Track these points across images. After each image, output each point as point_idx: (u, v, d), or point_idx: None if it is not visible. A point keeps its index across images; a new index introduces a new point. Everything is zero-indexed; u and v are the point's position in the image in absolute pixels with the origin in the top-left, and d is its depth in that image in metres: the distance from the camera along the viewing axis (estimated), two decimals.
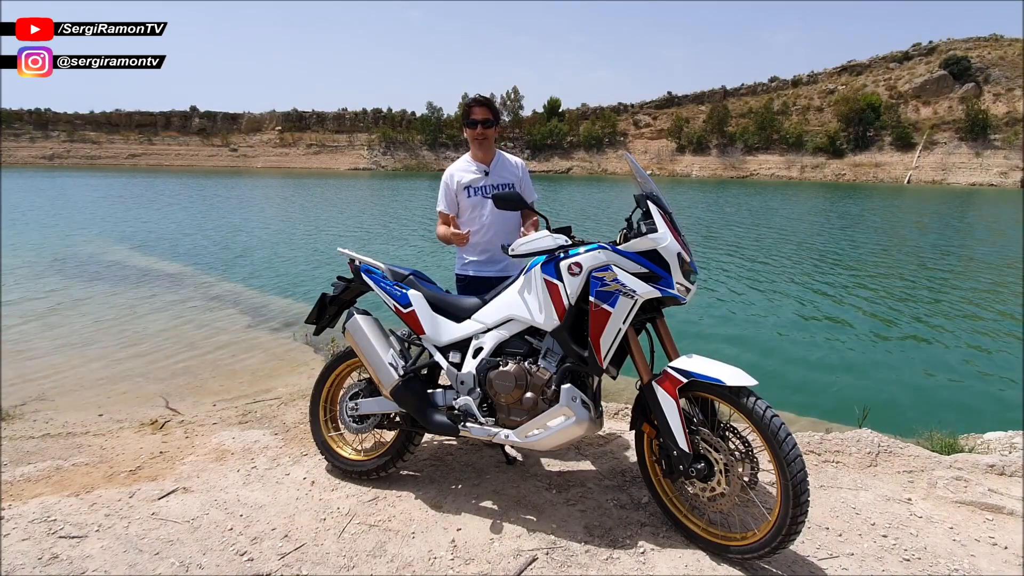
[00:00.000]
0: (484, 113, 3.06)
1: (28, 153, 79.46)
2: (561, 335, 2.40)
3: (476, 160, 3.14)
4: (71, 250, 13.72)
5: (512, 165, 3.19)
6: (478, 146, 3.11)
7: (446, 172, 3.18)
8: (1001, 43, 76.63)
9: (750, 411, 2.08)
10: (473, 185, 3.09)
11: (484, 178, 3.09)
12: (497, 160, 3.15)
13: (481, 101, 3.08)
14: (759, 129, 73.90)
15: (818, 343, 7.54)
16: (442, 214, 3.17)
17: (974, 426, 4.21)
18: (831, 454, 3.18)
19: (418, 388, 2.69)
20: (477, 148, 3.12)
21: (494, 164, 3.14)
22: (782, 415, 2.11)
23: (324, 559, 2.28)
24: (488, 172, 3.10)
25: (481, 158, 3.14)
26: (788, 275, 11.90)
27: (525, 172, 3.23)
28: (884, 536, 2.42)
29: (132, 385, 5.55)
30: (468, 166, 3.14)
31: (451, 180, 3.13)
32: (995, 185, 57.99)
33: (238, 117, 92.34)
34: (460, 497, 2.72)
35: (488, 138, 3.09)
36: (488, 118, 3.06)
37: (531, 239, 2.43)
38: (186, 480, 2.90)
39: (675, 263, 2.24)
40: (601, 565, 2.24)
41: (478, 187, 3.09)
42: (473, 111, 3.06)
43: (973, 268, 13.16)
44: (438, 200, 3.19)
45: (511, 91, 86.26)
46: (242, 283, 10.75)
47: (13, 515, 2.53)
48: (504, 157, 3.20)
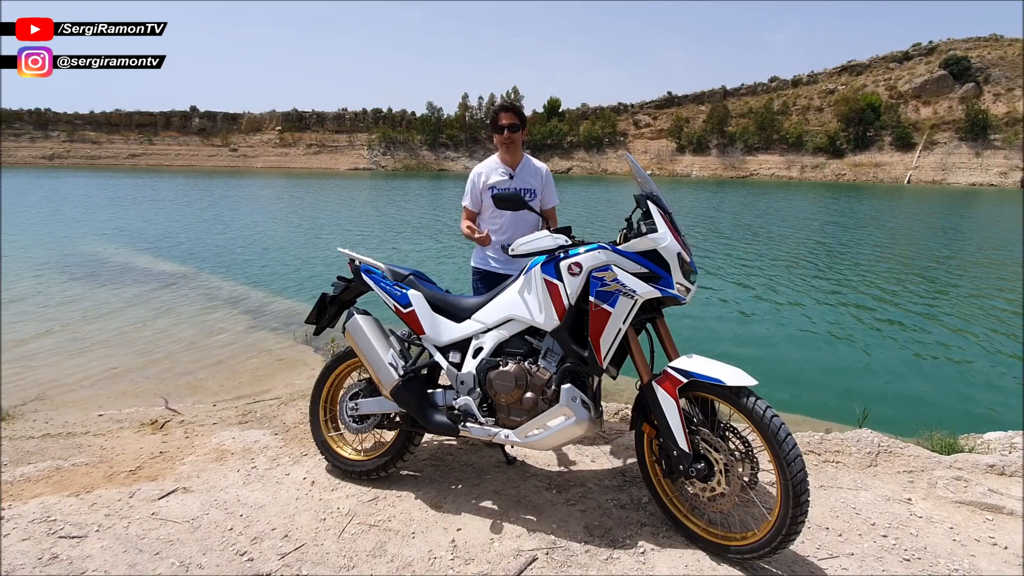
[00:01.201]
0: (511, 118, 3.19)
1: (28, 153, 79.44)
2: (561, 335, 2.40)
3: (504, 163, 3.28)
4: (72, 250, 13.72)
5: (536, 170, 3.32)
6: (505, 150, 3.24)
7: (474, 170, 3.35)
8: (1001, 43, 76.63)
9: (750, 411, 2.08)
10: (498, 186, 3.22)
11: (509, 181, 3.24)
12: (523, 165, 3.29)
13: (507, 107, 3.23)
14: (759, 129, 73.90)
15: (818, 343, 7.54)
16: (467, 209, 3.35)
17: (974, 426, 4.21)
18: (831, 454, 3.18)
19: (418, 388, 2.69)
20: (505, 151, 3.25)
21: (520, 168, 3.27)
22: (782, 415, 2.11)
23: (324, 559, 2.28)
24: (513, 176, 3.25)
25: (508, 161, 3.27)
26: (788, 275, 11.90)
27: (549, 177, 3.37)
28: (884, 536, 2.43)
29: (132, 385, 5.56)
30: (496, 167, 3.28)
31: (477, 178, 3.29)
32: (995, 185, 58.00)
33: (238, 117, 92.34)
34: (460, 497, 2.72)
35: (515, 142, 3.22)
36: (515, 123, 3.19)
37: (531, 239, 2.43)
38: (186, 480, 2.90)
39: (675, 263, 2.24)
40: (601, 565, 2.24)
41: (501, 189, 3.20)
42: (500, 117, 3.20)
43: (974, 268, 13.15)
44: (464, 195, 3.35)
45: (511, 91, 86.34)
46: (242, 283, 10.75)
47: (13, 515, 2.53)
48: (530, 162, 3.34)
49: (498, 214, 3.24)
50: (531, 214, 3.08)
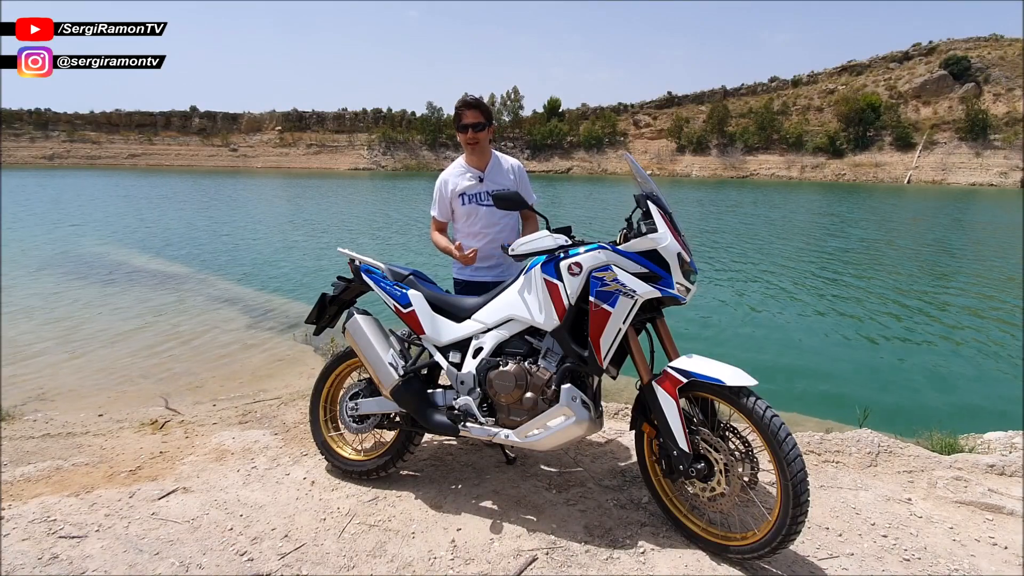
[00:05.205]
0: (474, 116, 2.88)
1: (28, 153, 79.34)
2: (561, 335, 2.40)
3: (470, 165, 3.02)
4: (71, 250, 13.71)
5: (507, 169, 3.06)
6: (471, 151, 2.98)
7: (440, 177, 3.08)
8: (1001, 43, 76.53)
9: (750, 411, 2.08)
10: (467, 192, 2.99)
11: (478, 184, 2.98)
12: (492, 165, 3.02)
13: (471, 103, 2.89)
14: (759, 129, 73.81)
15: (818, 343, 7.54)
16: (435, 220, 3.11)
17: (974, 426, 4.21)
18: (831, 454, 3.18)
19: (418, 388, 2.69)
20: (470, 153, 2.99)
21: (489, 169, 3.01)
22: (782, 415, 2.11)
23: (324, 559, 2.28)
24: (483, 178, 2.99)
25: (475, 163, 3.01)
26: (788, 275, 11.90)
27: (522, 175, 3.10)
28: (884, 536, 2.43)
29: (132, 385, 5.56)
30: (462, 172, 3.01)
31: (444, 187, 3.03)
32: (995, 185, 57.94)
33: (238, 117, 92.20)
34: (460, 497, 2.72)
35: (480, 142, 2.93)
36: (479, 121, 2.88)
37: (531, 239, 2.43)
38: (186, 480, 2.90)
39: (675, 263, 2.24)
40: (601, 565, 2.24)
41: (472, 194, 2.99)
42: (463, 115, 2.89)
43: (973, 266, 13.15)
44: (432, 204, 3.11)
45: (511, 91, 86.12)
46: (242, 283, 10.76)
47: (13, 515, 2.53)
48: (499, 161, 3.06)
49: (472, 222, 2.99)
50: (507, 217, 3.00)
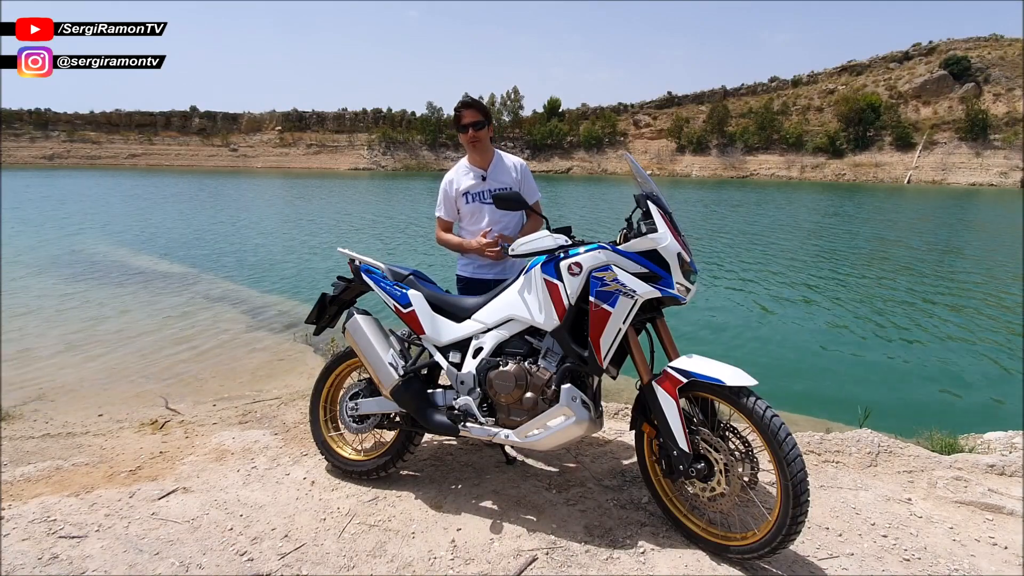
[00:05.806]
0: (473, 115, 2.94)
1: (28, 153, 79.31)
2: (561, 335, 2.40)
3: (473, 165, 3.07)
4: (73, 249, 13.71)
5: (510, 167, 3.10)
6: (473, 149, 3.04)
7: (445, 177, 3.13)
8: (1001, 43, 76.50)
9: (750, 411, 2.08)
10: (471, 191, 3.04)
11: (481, 183, 3.03)
12: (495, 163, 3.07)
13: (469, 103, 2.96)
14: (759, 129, 73.79)
15: (818, 343, 7.54)
16: (441, 220, 3.15)
17: (974, 426, 4.21)
18: (831, 454, 3.18)
19: (418, 388, 2.69)
20: (473, 152, 3.05)
21: (492, 168, 3.06)
22: (782, 415, 2.11)
23: (324, 559, 2.28)
24: (485, 177, 3.04)
25: (478, 162, 3.07)
26: (788, 275, 11.90)
27: (526, 172, 3.13)
28: (884, 536, 2.43)
29: (132, 385, 5.56)
30: (466, 171, 3.08)
31: (450, 187, 3.09)
32: (995, 185, 57.93)
33: (238, 117, 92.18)
34: (460, 497, 2.72)
35: (481, 140, 2.99)
36: (478, 120, 2.94)
37: (531, 239, 2.43)
38: (186, 480, 2.90)
39: (675, 263, 2.24)
40: (601, 565, 2.24)
41: (475, 193, 3.04)
42: (463, 115, 2.95)
43: (974, 266, 13.15)
44: (437, 205, 3.17)
45: (511, 91, 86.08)
46: (242, 283, 10.76)
47: (13, 515, 2.53)
48: (502, 159, 3.11)
49: (477, 220, 3.03)
50: (514, 215, 3.03)
